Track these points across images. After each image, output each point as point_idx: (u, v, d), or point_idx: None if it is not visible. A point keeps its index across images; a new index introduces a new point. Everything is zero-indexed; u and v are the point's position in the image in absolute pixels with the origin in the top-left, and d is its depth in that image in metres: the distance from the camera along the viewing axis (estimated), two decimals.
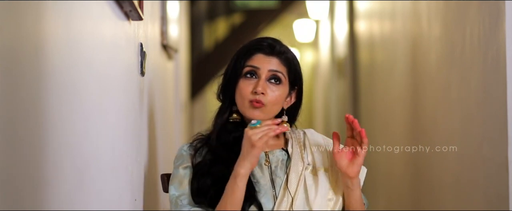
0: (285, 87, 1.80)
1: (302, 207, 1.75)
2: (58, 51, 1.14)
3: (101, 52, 1.48)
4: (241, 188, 1.67)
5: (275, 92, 1.77)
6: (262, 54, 1.79)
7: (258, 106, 1.75)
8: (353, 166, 1.72)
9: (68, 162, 1.20)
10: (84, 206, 1.29)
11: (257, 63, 1.78)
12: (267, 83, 1.77)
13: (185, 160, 1.78)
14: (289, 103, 1.83)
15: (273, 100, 1.77)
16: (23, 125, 0.98)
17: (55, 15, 1.13)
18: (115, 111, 1.64)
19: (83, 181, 1.29)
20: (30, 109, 1.01)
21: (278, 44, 1.82)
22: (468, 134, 2.42)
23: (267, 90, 1.76)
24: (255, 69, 1.78)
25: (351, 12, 6.21)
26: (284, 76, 1.79)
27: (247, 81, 1.77)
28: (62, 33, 1.17)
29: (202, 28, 7.50)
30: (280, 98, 1.78)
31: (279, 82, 1.78)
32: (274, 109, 1.78)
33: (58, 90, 1.14)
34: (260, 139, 1.64)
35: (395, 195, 4.18)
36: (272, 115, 1.79)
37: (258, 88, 1.75)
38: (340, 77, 7.35)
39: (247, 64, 1.78)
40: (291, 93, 1.83)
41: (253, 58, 1.79)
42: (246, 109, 1.76)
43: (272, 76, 1.78)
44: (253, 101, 1.75)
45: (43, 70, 1.07)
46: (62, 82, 1.16)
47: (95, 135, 1.41)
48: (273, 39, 1.83)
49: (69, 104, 1.21)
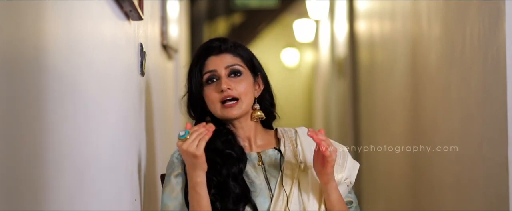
0: (248, 76, 1.81)
1: (297, 205, 1.75)
2: (58, 51, 1.14)
3: (101, 52, 1.48)
4: (204, 195, 1.68)
5: (240, 83, 1.78)
6: (212, 56, 1.81)
7: (232, 105, 1.77)
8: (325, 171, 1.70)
9: (68, 162, 1.20)
10: (84, 206, 1.29)
11: (212, 66, 1.80)
12: (228, 79, 1.78)
13: (176, 167, 1.78)
14: (259, 92, 1.85)
15: (243, 91, 1.78)
16: (23, 125, 0.98)
17: (55, 15, 1.13)
18: (115, 111, 1.64)
19: (83, 181, 1.29)
20: (30, 109, 1.01)
21: (223, 41, 1.84)
22: (468, 134, 2.42)
23: (231, 85, 1.77)
24: (213, 73, 1.79)
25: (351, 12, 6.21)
26: (242, 67, 1.81)
27: (211, 86, 1.79)
28: (62, 33, 1.17)
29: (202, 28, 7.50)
30: (249, 86, 1.80)
31: (240, 74, 1.80)
32: (247, 100, 1.79)
33: (58, 90, 1.13)
34: (198, 147, 1.62)
35: (395, 195, 4.18)
36: (248, 108, 1.80)
37: (223, 85, 1.76)
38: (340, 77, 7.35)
39: (204, 72, 1.80)
40: (257, 81, 1.84)
41: (207, 63, 1.81)
42: (222, 112, 1.78)
43: (231, 71, 1.79)
44: (223, 101, 1.76)
45: (43, 70, 1.07)
46: (62, 82, 1.16)
47: (95, 135, 1.41)
48: (217, 39, 1.85)
49: (69, 105, 1.21)
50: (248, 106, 1.80)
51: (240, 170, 1.75)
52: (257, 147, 1.83)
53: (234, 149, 1.78)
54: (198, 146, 1.62)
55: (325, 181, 1.72)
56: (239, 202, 1.71)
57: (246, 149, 1.81)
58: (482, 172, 2.25)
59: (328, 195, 1.73)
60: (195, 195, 1.68)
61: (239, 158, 1.77)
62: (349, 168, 1.82)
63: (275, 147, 1.84)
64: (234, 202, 1.71)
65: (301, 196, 1.76)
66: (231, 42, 1.84)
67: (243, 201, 1.72)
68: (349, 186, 1.82)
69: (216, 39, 1.84)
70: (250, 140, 1.83)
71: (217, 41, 1.83)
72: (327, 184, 1.72)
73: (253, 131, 1.83)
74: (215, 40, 1.84)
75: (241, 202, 1.72)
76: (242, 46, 1.86)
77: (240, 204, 1.71)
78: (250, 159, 1.80)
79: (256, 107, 1.82)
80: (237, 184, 1.73)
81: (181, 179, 1.76)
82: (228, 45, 1.82)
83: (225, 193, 1.73)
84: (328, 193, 1.73)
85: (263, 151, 1.82)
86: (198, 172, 1.67)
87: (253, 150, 1.83)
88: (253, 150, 1.83)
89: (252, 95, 1.81)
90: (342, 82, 7.05)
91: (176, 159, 1.79)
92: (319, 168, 1.72)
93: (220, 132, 1.79)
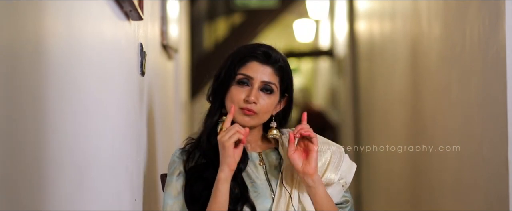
0: (276, 96, 1.80)
1: (297, 205, 1.76)
2: (58, 51, 1.14)
3: (101, 52, 1.48)
4: (223, 192, 1.68)
5: (266, 101, 1.77)
6: (256, 62, 1.79)
7: (249, 114, 1.76)
8: (309, 163, 1.71)
9: (68, 162, 1.20)
10: (84, 206, 1.29)
11: (251, 72, 1.78)
12: (259, 92, 1.77)
13: (178, 167, 1.78)
14: (277, 110, 1.84)
15: (264, 109, 1.77)
16: (23, 125, 0.98)
17: (55, 15, 1.13)
18: (115, 111, 1.64)
19: (83, 181, 1.29)
20: (30, 108, 1.01)
21: (273, 52, 1.81)
22: (468, 134, 2.41)
23: (259, 99, 1.76)
24: (248, 78, 1.78)
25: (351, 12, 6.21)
26: (276, 87, 1.79)
27: (240, 88, 1.78)
28: (62, 33, 1.17)
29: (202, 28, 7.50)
30: (271, 106, 1.79)
31: (271, 92, 1.78)
32: (264, 117, 1.80)
33: (58, 90, 1.13)
34: (229, 138, 1.66)
35: (395, 195, 4.18)
36: (261, 122, 1.80)
37: (251, 97, 1.75)
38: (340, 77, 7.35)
39: (241, 72, 1.78)
40: (281, 101, 1.84)
41: (247, 66, 1.78)
42: (237, 115, 1.77)
43: (264, 87, 1.78)
44: (244, 109, 1.76)
45: (43, 70, 1.07)
46: (62, 82, 1.16)
47: (95, 135, 1.41)
48: (268, 47, 1.82)
49: (69, 104, 1.21)
50: (261, 121, 1.80)
51: (239, 169, 1.75)
52: (258, 147, 1.84)
53: None
54: (229, 139, 1.66)
55: (311, 172, 1.71)
56: (238, 202, 1.71)
57: (247, 149, 1.81)
58: (482, 172, 2.25)
59: (315, 188, 1.72)
60: (215, 189, 1.69)
61: None
62: (343, 170, 1.82)
63: (275, 147, 1.85)
64: (233, 201, 1.71)
65: (301, 196, 1.77)
66: (279, 57, 1.81)
67: (241, 201, 1.73)
68: (345, 186, 1.83)
69: (267, 47, 1.81)
70: (252, 142, 1.84)
71: (268, 50, 1.80)
72: (313, 176, 1.71)
73: (257, 135, 1.84)
74: (267, 47, 1.81)
75: (240, 202, 1.72)
76: (287, 65, 1.83)
77: (238, 204, 1.72)
78: (251, 158, 1.81)
79: (273, 125, 1.82)
80: (236, 184, 1.74)
81: (182, 178, 1.77)
82: (275, 59, 1.80)
83: None
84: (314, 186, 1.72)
85: (263, 151, 1.84)
86: (224, 166, 1.68)
87: (254, 150, 1.83)
88: (254, 150, 1.83)
89: (270, 114, 1.81)
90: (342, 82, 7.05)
91: (177, 158, 1.79)
92: (301, 162, 1.71)
93: None
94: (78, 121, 1.27)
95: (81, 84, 1.30)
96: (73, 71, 1.23)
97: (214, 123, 1.80)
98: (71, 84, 1.22)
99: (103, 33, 1.51)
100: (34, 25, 1.03)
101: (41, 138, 1.05)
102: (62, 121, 1.15)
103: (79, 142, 1.27)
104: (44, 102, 1.07)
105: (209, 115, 1.82)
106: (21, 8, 0.97)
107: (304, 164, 1.72)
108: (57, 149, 1.13)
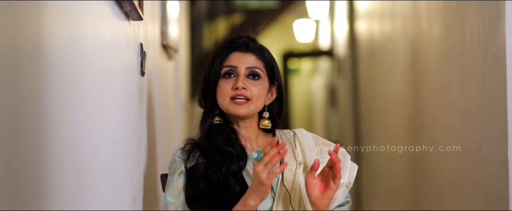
0: (265, 82, 1.81)
1: (297, 205, 1.76)
2: (58, 51, 1.14)
3: (101, 52, 1.48)
4: None
5: (256, 87, 1.79)
6: (238, 52, 1.82)
7: (242, 103, 1.77)
8: (323, 199, 1.69)
9: (68, 162, 1.20)
10: (84, 206, 1.29)
11: (234, 62, 1.80)
12: (246, 79, 1.79)
13: (179, 166, 1.79)
14: (270, 99, 1.85)
15: (257, 94, 1.78)
16: (23, 125, 0.98)
17: (55, 15, 1.13)
18: (115, 110, 1.64)
19: (83, 181, 1.29)
20: (30, 108, 1.01)
21: (252, 41, 1.84)
22: (468, 134, 2.41)
23: (248, 85, 1.77)
24: (233, 68, 1.79)
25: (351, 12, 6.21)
26: (262, 71, 1.81)
27: (227, 80, 1.79)
28: (62, 33, 1.17)
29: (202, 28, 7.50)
30: (263, 92, 1.80)
31: (258, 77, 1.80)
32: (258, 104, 1.79)
33: (58, 90, 1.13)
34: (268, 177, 1.61)
35: (395, 195, 4.18)
36: (256, 111, 1.81)
37: (239, 83, 1.76)
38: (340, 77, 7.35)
39: (225, 65, 1.80)
40: (271, 89, 1.84)
41: (230, 58, 1.81)
42: (229, 106, 1.77)
43: (251, 73, 1.80)
44: (234, 98, 1.76)
45: (43, 70, 1.07)
46: (62, 82, 1.16)
47: (95, 135, 1.41)
48: (247, 37, 1.85)
49: (69, 104, 1.21)
50: (256, 109, 1.80)
51: (240, 167, 1.75)
52: (258, 147, 1.84)
53: (234, 147, 1.78)
54: (268, 177, 1.61)
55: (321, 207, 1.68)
56: (238, 200, 1.71)
57: (246, 148, 1.81)
58: (482, 172, 2.25)
59: None
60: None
61: (239, 156, 1.77)
62: (349, 170, 1.82)
63: None
64: (234, 200, 1.71)
65: (302, 196, 1.77)
66: (258, 44, 1.84)
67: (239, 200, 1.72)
68: (349, 186, 1.83)
69: (246, 37, 1.84)
70: (251, 140, 1.84)
71: (245, 39, 1.83)
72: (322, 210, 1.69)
73: (255, 133, 1.84)
74: (244, 37, 1.84)
75: (238, 201, 1.72)
76: (268, 51, 1.85)
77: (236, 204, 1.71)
78: (251, 158, 1.81)
79: (265, 115, 1.83)
80: (236, 182, 1.74)
81: (183, 177, 1.77)
82: (255, 46, 1.83)
83: (225, 191, 1.73)
84: None
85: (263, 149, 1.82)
86: (255, 196, 1.65)
87: (253, 149, 1.83)
88: (254, 149, 1.83)
89: (263, 101, 1.81)
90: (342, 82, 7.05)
91: (178, 158, 1.80)
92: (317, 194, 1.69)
93: (223, 129, 1.80)
94: (78, 121, 1.27)
95: (81, 84, 1.30)
96: (73, 71, 1.24)
97: (209, 125, 1.81)
98: (71, 84, 1.22)
99: (103, 33, 1.51)
100: (34, 25, 1.03)
101: (41, 138, 1.05)
102: (62, 121, 1.16)
103: (79, 142, 1.27)
104: (44, 103, 1.07)
105: (203, 118, 1.84)
106: (21, 8, 0.97)
107: (319, 196, 1.69)
108: (57, 149, 1.13)
